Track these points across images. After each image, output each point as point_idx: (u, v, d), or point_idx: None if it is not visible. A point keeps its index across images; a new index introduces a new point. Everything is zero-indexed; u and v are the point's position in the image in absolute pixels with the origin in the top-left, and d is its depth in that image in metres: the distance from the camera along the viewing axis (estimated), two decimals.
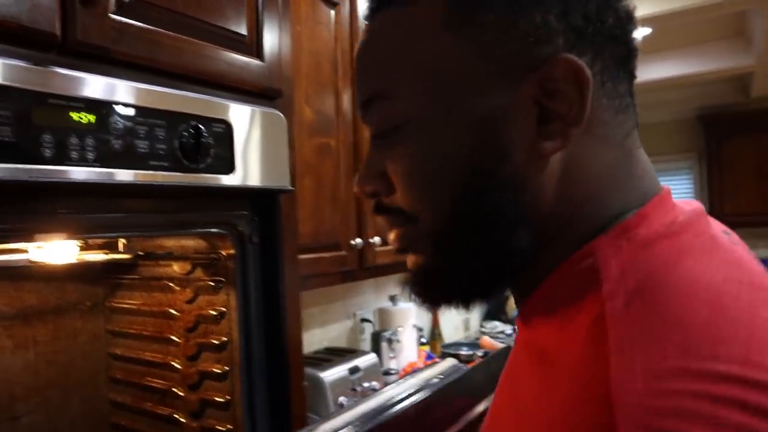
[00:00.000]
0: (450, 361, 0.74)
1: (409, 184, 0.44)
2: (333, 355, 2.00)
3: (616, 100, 0.42)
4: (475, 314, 3.32)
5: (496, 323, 3.20)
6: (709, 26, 3.96)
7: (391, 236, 0.48)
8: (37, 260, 0.94)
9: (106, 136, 0.76)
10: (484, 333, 3.14)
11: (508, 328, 3.07)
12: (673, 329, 0.32)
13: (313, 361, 1.93)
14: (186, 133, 0.86)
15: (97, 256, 1.05)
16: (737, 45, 4.24)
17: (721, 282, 0.35)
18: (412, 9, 0.43)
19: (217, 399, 1.06)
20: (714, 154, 5.24)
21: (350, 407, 0.67)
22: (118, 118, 0.78)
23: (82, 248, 1.05)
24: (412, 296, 0.48)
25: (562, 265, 0.41)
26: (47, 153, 0.70)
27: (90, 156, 0.74)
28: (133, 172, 0.79)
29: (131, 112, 0.79)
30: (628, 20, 0.43)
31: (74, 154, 0.73)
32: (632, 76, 0.44)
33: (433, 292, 0.47)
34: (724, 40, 4.27)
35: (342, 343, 2.33)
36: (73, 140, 0.73)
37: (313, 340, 2.17)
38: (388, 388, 0.63)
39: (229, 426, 1.05)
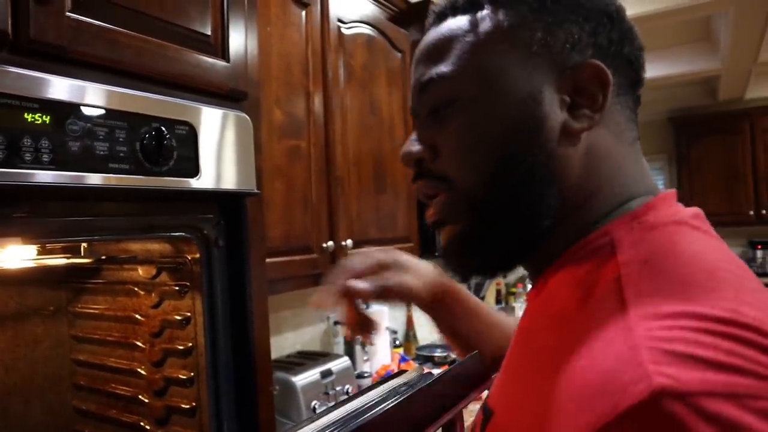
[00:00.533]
0: (417, 369, 0.73)
1: (455, 148, 0.51)
2: (306, 359, 1.99)
3: (626, 110, 0.52)
4: None
5: None
6: (676, 30, 4.03)
7: (430, 209, 0.53)
8: None
9: (63, 137, 0.74)
10: None
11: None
12: (678, 287, 0.38)
13: (285, 365, 1.91)
14: (148, 135, 0.84)
15: (57, 261, 1.02)
16: (704, 48, 4.33)
17: (714, 259, 0.42)
18: (478, 18, 0.51)
19: (182, 405, 1.04)
20: (684, 155, 5.34)
21: (320, 415, 0.65)
22: (76, 120, 0.75)
23: (41, 252, 1.02)
24: (446, 268, 0.55)
25: (581, 241, 0.48)
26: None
27: (45, 158, 0.72)
28: (92, 175, 0.77)
29: (90, 112, 0.77)
30: (640, 52, 0.52)
31: (28, 156, 0.71)
32: (638, 101, 0.53)
33: (467, 260, 0.53)
34: (691, 44, 4.36)
35: (315, 347, 2.31)
36: (27, 141, 0.70)
37: (286, 343, 2.15)
38: (352, 396, 0.63)
39: None
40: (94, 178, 0.78)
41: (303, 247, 1.60)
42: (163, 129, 0.86)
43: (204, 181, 0.93)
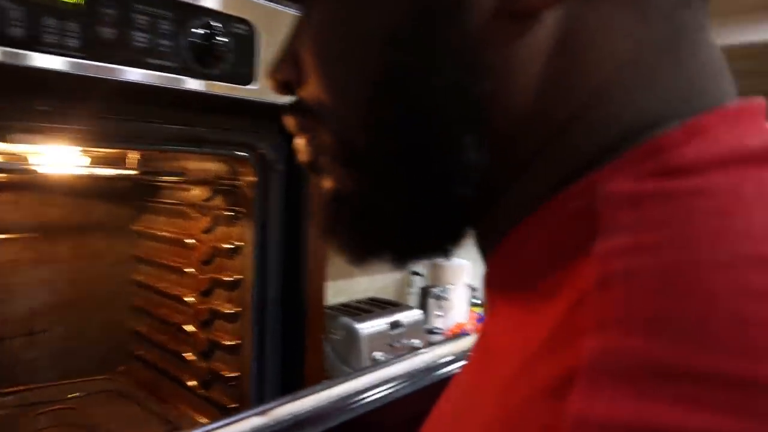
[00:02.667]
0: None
1: (318, 62, 0.30)
2: (375, 307, 1.89)
3: None
4: None
5: None
6: None
7: (298, 142, 0.34)
8: (35, 168, 0.85)
9: (93, 20, 0.63)
10: None
11: None
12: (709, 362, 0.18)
13: (353, 310, 1.82)
14: (197, 31, 0.72)
15: (105, 171, 0.94)
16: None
17: None
18: None
19: (225, 342, 0.96)
20: None
21: (382, 365, 0.56)
22: (110, 1, 0.64)
23: (93, 162, 0.95)
24: (325, 240, 0.34)
25: (540, 208, 0.27)
26: (15, 32, 0.58)
27: (71, 43, 0.62)
28: (127, 69, 0.66)
29: None
30: None
31: (50, 39, 0.60)
32: None
33: (349, 233, 0.32)
34: (755, 12, 3.70)
35: (388, 295, 2.21)
36: (50, 21, 0.60)
37: (357, 288, 2.06)
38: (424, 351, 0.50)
39: (236, 372, 0.94)
40: (130, 74, 0.67)
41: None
42: (217, 25, 0.74)
43: (262, 91, 0.80)
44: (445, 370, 0.69)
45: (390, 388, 0.73)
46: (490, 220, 0.30)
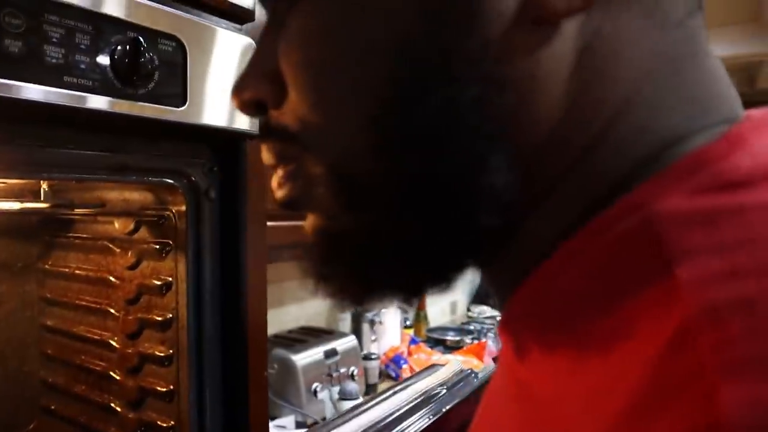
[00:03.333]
0: (454, 365, 0.55)
1: (306, 75, 0.26)
2: (308, 336, 1.83)
3: None
4: (463, 297, 3.15)
5: (485, 308, 3.03)
6: (725, 8, 3.76)
7: (275, 180, 0.29)
8: None
9: None
10: (471, 318, 2.97)
11: (498, 314, 2.90)
12: None
13: (285, 341, 1.75)
14: (120, 47, 0.65)
15: (10, 205, 0.84)
16: (751, 31, 4.05)
17: None
18: None
19: (158, 388, 0.87)
20: None
21: (337, 423, 0.50)
22: (16, 10, 0.56)
23: None
24: (317, 282, 0.29)
25: (577, 235, 0.24)
26: None
27: None
28: (37, 88, 0.58)
29: (39, 4, 0.58)
30: None
31: None
32: None
33: (346, 275, 0.28)
34: (737, 25, 4.07)
35: (320, 323, 2.15)
36: None
37: (288, 318, 1.99)
38: (382, 399, 0.46)
39: (171, 422, 0.85)
40: (40, 92, 0.59)
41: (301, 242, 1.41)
42: (141, 40, 0.67)
43: (192, 112, 0.74)
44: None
45: None
46: (510, 252, 0.27)
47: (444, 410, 0.40)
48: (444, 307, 2.97)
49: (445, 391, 0.46)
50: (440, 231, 0.25)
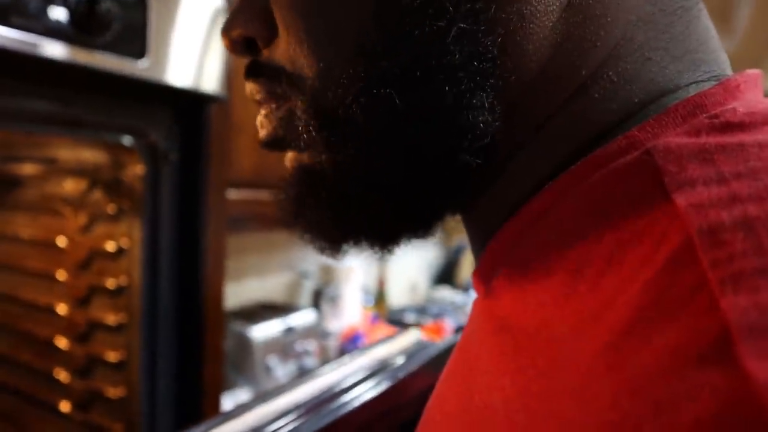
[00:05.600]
0: (414, 334, 0.54)
1: (294, 14, 0.25)
2: (267, 311, 1.80)
3: None
4: (423, 278, 3.17)
5: (445, 291, 3.05)
6: None
7: (259, 119, 0.29)
8: None
9: None
10: (431, 301, 2.98)
11: (458, 297, 2.92)
12: None
13: (243, 315, 1.72)
14: None
15: None
16: (720, 31, 4.15)
17: None
18: None
19: (108, 357, 0.83)
20: None
21: (289, 387, 0.47)
22: None
23: None
24: (290, 224, 0.29)
25: (568, 172, 0.23)
26: None
27: None
28: None
29: None
30: None
31: None
32: None
33: (322, 215, 0.27)
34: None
35: (280, 298, 2.12)
36: None
37: (246, 292, 1.95)
38: (339, 365, 0.44)
39: (122, 391, 0.82)
40: None
41: (277, 183, 1.37)
42: None
43: (153, 68, 0.70)
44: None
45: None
46: (493, 196, 0.26)
47: (401, 376, 0.38)
48: (404, 287, 2.98)
49: (404, 359, 0.45)
50: (420, 169, 0.24)
